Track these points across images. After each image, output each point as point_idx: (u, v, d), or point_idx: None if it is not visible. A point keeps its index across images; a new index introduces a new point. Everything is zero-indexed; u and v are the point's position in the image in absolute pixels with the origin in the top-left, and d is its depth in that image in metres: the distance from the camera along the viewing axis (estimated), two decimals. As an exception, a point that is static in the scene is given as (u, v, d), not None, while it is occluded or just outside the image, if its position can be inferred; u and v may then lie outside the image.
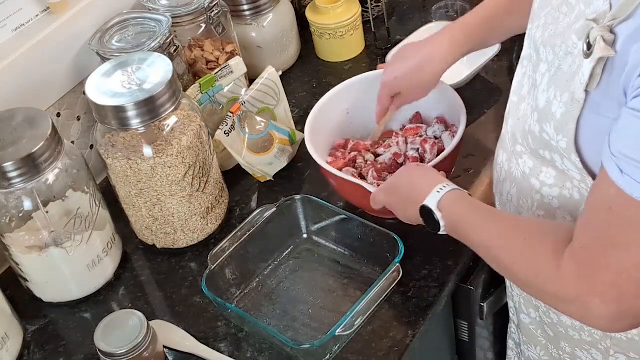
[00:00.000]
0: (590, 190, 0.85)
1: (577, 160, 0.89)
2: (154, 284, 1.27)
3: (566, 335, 1.07)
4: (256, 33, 1.57)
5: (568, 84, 0.86)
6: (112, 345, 1.03)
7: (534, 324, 1.15)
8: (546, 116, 0.90)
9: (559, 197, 0.96)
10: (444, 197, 0.99)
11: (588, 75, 0.81)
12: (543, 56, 0.93)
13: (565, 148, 0.89)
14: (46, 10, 1.33)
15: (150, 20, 1.34)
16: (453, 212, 0.98)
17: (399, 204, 1.08)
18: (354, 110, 1.36)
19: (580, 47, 0.83)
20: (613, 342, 1.01)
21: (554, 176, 0.96)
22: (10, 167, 1.07)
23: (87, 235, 1.19)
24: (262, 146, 1.36)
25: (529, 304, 1.13)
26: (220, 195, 1.30)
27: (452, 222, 0.98)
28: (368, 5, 1.67)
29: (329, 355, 1.09)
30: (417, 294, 1.16)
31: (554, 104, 0.89)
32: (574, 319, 0.87)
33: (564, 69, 0.87)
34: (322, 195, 1.31)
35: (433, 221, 1.00)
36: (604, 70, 0.80)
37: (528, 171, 0.99)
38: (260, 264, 1.24)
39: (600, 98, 0.82)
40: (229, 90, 1.39)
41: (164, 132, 1.19)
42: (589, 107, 0.84)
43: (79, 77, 1.35)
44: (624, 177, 0.76)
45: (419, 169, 1.10)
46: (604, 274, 0.80)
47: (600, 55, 0.79)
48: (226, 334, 1.16)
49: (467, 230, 0.97)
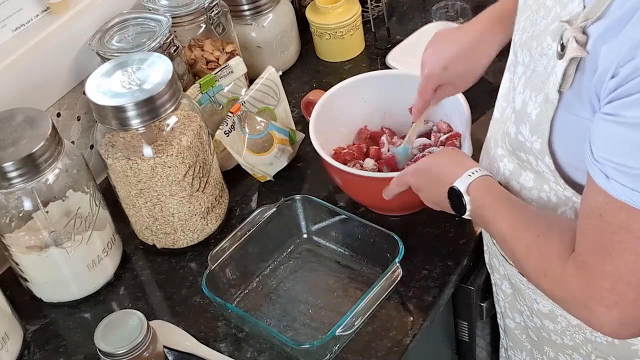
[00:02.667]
0: (581, 199, 0.85)
1: (550, 162, 0.89)
2: (154, 284, 1.27)
3: (549, 339, 1.08)
4: (256, 33, 1.57)
5: (542, 85, 0.86)
6: (112, 345, 1.03)
7: (518, 329, 1.15)
8: (522, 117, 0.91)
9: (537, 200, 0.97)
10: (474, 182, 0.98)
11: (561, 75, 0.82)
12: (520, 59, 0.94)
13: (539, 149, 0.89)
14: (46, 10, 1.33)
15: (150, 20, 1.34)
16: (479, 197, 0.97)
17: (427, 185, 1.07)
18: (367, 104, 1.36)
19: (555, 48, 0.84)
20: (594, 347, 1.02)
21: (532, 179, 0.97)
22: (10, 167, 1.07)
23: (87, 235, 1.19)
24: (262, 146, 1.36)
25: (514, 309, 1.13)
26: (220, 195, 1.30)
27: (477, 207, 0.98)
28: (368, 5, 1.67)
29: (329, 355, 1.09)
30: (417, 294, 1.16)
31: (529, 105, 0.89)
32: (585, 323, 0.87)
33: (538, 71, 0.88)
34: (322, 195, 1.31)
35: (460, 204, 0.99)
36: (577, 70, 0.81)
37: (508, 174, 1.00)
38: (260, 264, 1.24)
39: (573, 98, 0.83)
40: (229, 90, 1.39)
41: (164, 132, 1.19)
42: (562, 108, 0.85)
43: (79, 77, 1.35)
44: (610, 182, 0.77)
45: (454, 152, 1.09)
46: (601, 280, 0.81)
47: (572, 55, 0.80)
48: (226, 334, 1.16)
49: (489, 217, 0.97)
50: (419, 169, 1.09)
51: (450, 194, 1.00)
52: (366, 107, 1.36)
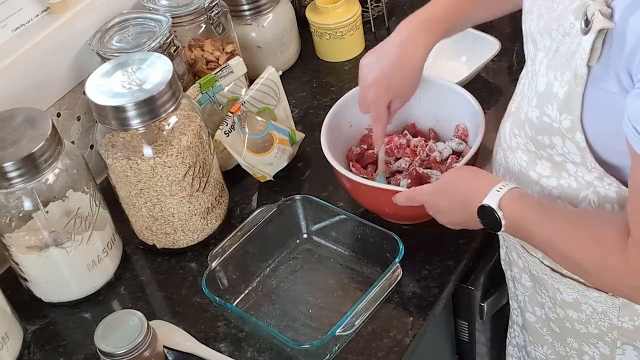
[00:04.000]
0: (629, 182, 0.85)
1: (581, 138, 0.89)
2: (154, 284, 1.27)
3: (572, 329, 1.08)
4: (256, 33, 1.57)
5: (569, 63, 0.87)
6: (112, 345, 1.03)
7: (539, 322, 1.15)
8: (547, 98, 0.91)
9: (558, 187, 0.97)
10: (505, 196, 0.97)
11: (589, 49, 0.82)
12: (540, 45, 0.94)
13: (569, 127, 0.89)
14: (46, 10, 1.33)
15: (150, 20, 1.34)
16: (514, 210, 0.96)
17: (450, 208, 1.06)
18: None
19: (578, 26, 0.84)
20: (620, 333, 1.02)
21: (549, 167, 0.97)
22: (10, 167, 1.07)
23: (87, 235, 1.19)
24: (262, 146, 1.36)
25: (534, 302, 1.13)
26: (220, 195, 1.30)
27: (513, 220, 0.97)
28: (368, 5, 1.67)
29: (329, 355, 1.09)
30: (417, 294, 1.16)
31: (555, 85, 0.89)
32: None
33: (562, 51, 0.88)
34: (322, 195, 1.31)
35: (494, 220, 0.98)
36: (604, 43, 0.81)
37: (525, 164, 1.01)
38: (260, 264, 1.24)
39: (600, 72, 0.83)
40: (229, 90, 1.39)
41: (164, 132, 1.19)
42: (591, 83, 0.85)
43: (79, 77, 1.35)
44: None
45: (471, 170, 1.08)
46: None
47: (600, 27, 0.80)
48: (226, 334, 1.16)
49: (530, 227, 0.96)
50: (439, 190, 1.08)
51: (480, 212, 0.99)
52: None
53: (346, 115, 1.31)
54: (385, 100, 1.19)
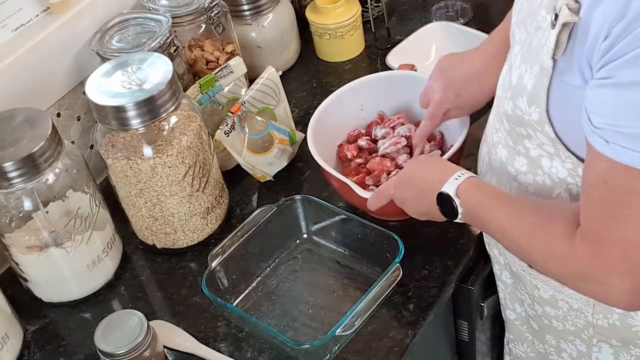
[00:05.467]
0: (583, 171, 0.85)
1: (550, 130, 0.89)
2: (154, 284, 1.27)
3: (550, 326, 1.08)
4: (256, 33, 1.57)
5: (537, 56, 0.87)
6: (112, 345, 1.03)
7: (519, 319, 1.16)
8: (518, 91, 0.91)
9: (533, 184, 0.98)
10: (462, 184, 0.98)
11: (554, 42, 0.83)
12: (517, 38, 0.95)
13: (538, 119, 0.90)
14: (46, 10, 1.33)
15: (150, 20, 1.34)
16: (470, 197, 0.97)
17: (412, 197, 1.07)
18: (365, 109, 1.36)
19: (549, 20, 0.85)
20: (595, 330, 1.02)
21: (526, 164, 0.97)
22: (10, 167, 1.07)
23: (87, 235, 1.19)
24: (262, 146, 1.36)
25: (514, 299, 1.14)
26: (220, 195, 1.30)
27: (469, 208, 0.98)
28: (368, 5, 1.67)
29: (329, 355, 1.09)
30: (417, 294, 1.16)
31: (525, 78, 0.90)
32: (597, 300, 0.87)
33: (534, 44, 0.89)
34: (322, 195, 1.31)
35: (451, 208, 0.99)
36: (569, 37, 0.82)
37: (504, 159, 1.01)
38: (260, 264, 1.24)
39: (565, 66, 0.84)
40: (229, 90, 1.39)
41: (164, 132, 1.19)
42: (556, 76, 0.85)
43: (79, 77, 1.35)
44: (610, 147, 0.77)
45: (432, 160, 1.09)
46: (612, 249, 0.81)
47: (564, 20, 0.81)
48: (226, 334, 1.16)
49: (484, 214, 0.97)
50: (400, 182, 1.09)
51: (439, 200, 1.00)
52: (363, 112, 1.36)
53: (334, 114, 1.32)
54: (447, 107, 1.19)
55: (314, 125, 1.28)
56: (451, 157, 1.17)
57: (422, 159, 1.11)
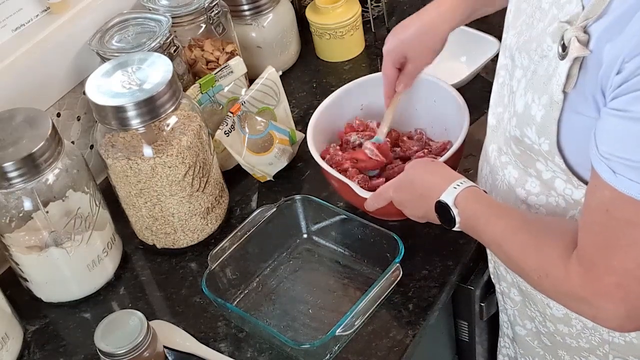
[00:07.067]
0: (585, 195, 0.85)
1: (560, 161, 0.89)
2: (154, 284, 1.27)
3: (564, 343, 1.07)
4: (256, 33, 1.57)
5: (545, 87, 0.86)
6: (112, 345, 1.03)
7: (530, 335, 1.15)
8: (526, 120, 0.91)
9: (546, 206, 0.97)
10: (461, 194, 0.98)
11: (565, 75, 0.82)
12: (518, 62, 0.94)
13: (548, 150, 0.89)
14: (46, 10, 1.33)
15: (150, 20, 1.34)
16: (467, 208, 0.97)
17: (411, 201, 1.07)
18: (365, 109, 1.36)
19: (555, 49, 0.84)
20: (611, 347, 1.01)
21: (538, 185, 0.96)
22: (10, 167, 1.07)
23: (87, 235, 1.19)
24: (262, 146, 1.36)
25: (524, 316, 1.13)
26: (220, 195, 1.30)
27: (466, 218, 0.97)
28: (368, 5, 1.67)
29: (329, 355, 1.09)
30: (417, 294, 1.16)
31: (533, 108, 0.89)
32: (587, 319, 0.87)
33: (539, 73, 0.88)
34: (322, 195, 1.31)
35: (449, 217, 0.99)
36: (580, 69, 0.81)
37: (513, 181, 1.00)
38: (260, 264, 1.24)
39: (577, 98, 0.83)
40: (229, 90, 1.39)
41: (164, 132, 1.19)
42: (568, 108, 0.84)
43: (79, 77, 1.35)
44: (617, 178, 0.77)
45: (433, 164, 1.09)
46: (608, 276, 0.81)
47: (575, 55, 0.80)
48: (226, 334, 1.16)
49: (480, 226, 0.96)
50: (400, 185, 1.09)
51: (437, 208, 1.00)
52: (363, 112, 1.36)
53: (334, 114, 1.33)
54: (394, 56, 1.23)
55: (314, 125, 1.28)
56: (451, 157, 1.17)
57: (423, 163, 1.10)
